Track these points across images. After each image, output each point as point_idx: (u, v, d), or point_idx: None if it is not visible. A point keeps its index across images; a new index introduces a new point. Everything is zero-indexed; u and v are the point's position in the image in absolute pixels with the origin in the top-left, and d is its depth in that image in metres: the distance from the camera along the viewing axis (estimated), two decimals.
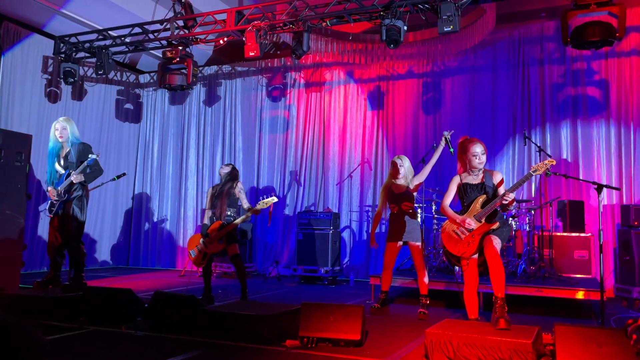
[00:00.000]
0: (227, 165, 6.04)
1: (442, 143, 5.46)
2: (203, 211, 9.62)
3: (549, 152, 7.59)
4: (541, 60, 7.97)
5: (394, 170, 5.49)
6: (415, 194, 5.56)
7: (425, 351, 3.57)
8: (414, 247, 5.41)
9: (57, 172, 5.88)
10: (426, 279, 5.41)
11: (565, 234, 6.83)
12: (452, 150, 5.30)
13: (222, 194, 5.76)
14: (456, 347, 3.41)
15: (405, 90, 8.84)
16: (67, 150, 5.89)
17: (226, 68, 10.22)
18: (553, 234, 6.78)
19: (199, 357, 3.62)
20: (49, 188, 5.88)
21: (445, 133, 5.43)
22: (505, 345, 3.30)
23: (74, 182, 5.74)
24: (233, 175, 5.91)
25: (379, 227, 8.28)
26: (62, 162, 5.87)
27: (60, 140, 5.89)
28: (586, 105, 7.66)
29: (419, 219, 5.55)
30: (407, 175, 5.49)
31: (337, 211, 8.71)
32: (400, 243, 5.46)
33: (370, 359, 3.59)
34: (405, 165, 5.49)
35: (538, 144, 7.38)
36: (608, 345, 3.20)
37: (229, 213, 5.74)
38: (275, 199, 5.66)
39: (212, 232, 5.66)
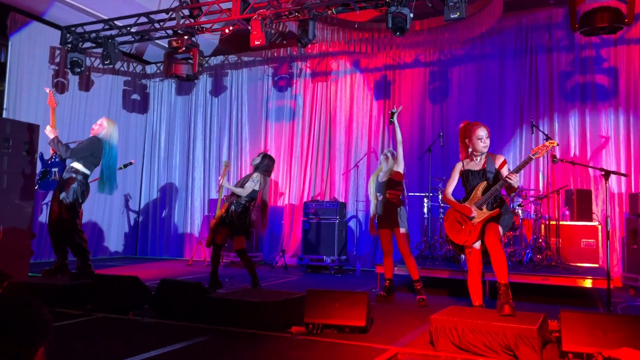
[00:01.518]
0: (259, 155, 6.13)
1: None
2: (210, 201, 9.64)
3: (557, 140, 7.52)
4: (549, 48, 7.89)
5: (386, 161, 5.64)
6: (403, 182, 5.63)
7: (430, 337, 3.57)
8: (397, 233, 5.45)
9: None
10: (414, 264, 5.47)
11: (572, 222, 6.79)
12: (392, 120, 5.49)
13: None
14: (461, 333, 3.41)
15: (411, 79, 8.80)
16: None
17: (232, 58, 10.21)
18: (560, 222, 6.75)
19: (205, 343, 3.65)
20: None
21: (393, 109, 5.59)
22: (510, 331, 3.29)
23: (46, 131, 5.79)
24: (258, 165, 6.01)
25: None
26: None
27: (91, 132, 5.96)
28: (595, 93, 7.59)
29: (402, 206, 5.56)
30: (390, 163, 5.60)
31: (343, 201, 8.71)
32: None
33: (376, 345, 3.60)
34: (390, 155, 5.66)
35: (546, 132, 7.33)
36: (614, 332, 3.19)
37: (242, 202, 5.78)
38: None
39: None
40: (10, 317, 1.30)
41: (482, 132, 4.30)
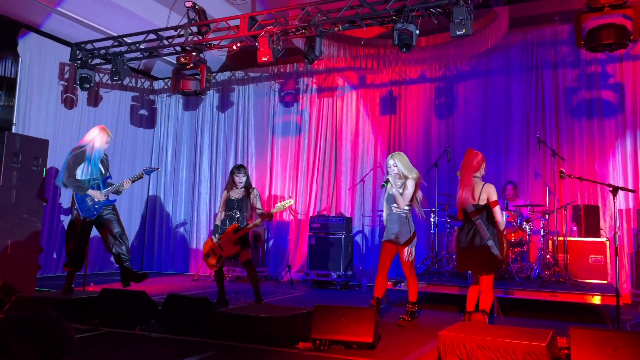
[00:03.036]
0: (241, 172, 6.12)
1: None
2: (216, 215, 9.66)
3: (563, 156, 7.52)
4: (555, 64, 7.92)
5: (394, 176, 5.14)
6: (416, 197, 5.13)
7: (438, 353, 3.55)
8: (400, 251, 5.09)
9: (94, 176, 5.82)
10: (416, 286, 5.13)
11: (580, 238, 6.76)
12: (383, 185, 5.16)
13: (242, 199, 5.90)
14: (469, 350, 3.39)
15: (417, 94, 8.83)
16: (103, 156, 5.95)
17: (239, 74, 10.30)
18: (568, 238, 6.71)
19: (212, 358, 3.64)
20: (93, 191, 5.77)
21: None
22: (519, 347, 3.27)
23: (126, 187, 5.92)
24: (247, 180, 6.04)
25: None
26: (102, 169, 5.90)
27: (105, 148, 5.98)
28: (601, 109, 7.59)
29: (410, 220, 5.12)
30: (403, 174, 5.09)
31: (349, 216, 8.71)
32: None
33: None
34: (398, 164, 5.11)
35: (552, 148, 7.33)
36: (624, 349, 3.16)
37: (244, 217, 5.82)
38: (292, 202, 5.75)
39: (228, 235, 5.72)
40: (39, 330, 1.32)
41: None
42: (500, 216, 4.55)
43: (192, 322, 4.38)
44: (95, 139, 5.81)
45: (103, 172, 5.88)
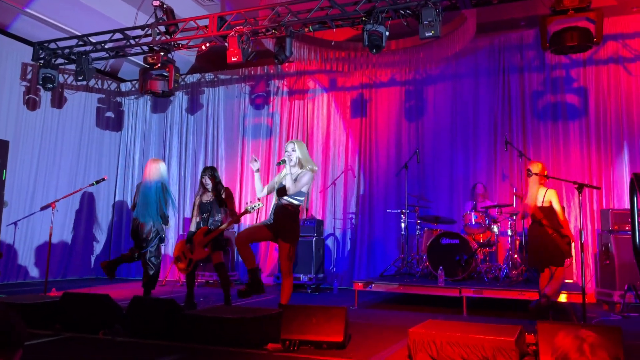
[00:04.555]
0: (209, 175, 6.00)
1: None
2: (185, 220, 9.49)
3: (530, 157, 7.64)
4: (521, 68, 8.07)
5: (290, 164, 4.72)
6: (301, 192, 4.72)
7: (408, 351, 3.53)
8: (280, 245, 4.66)
9: None
10: (290, 287, 4.70)
11: None
12: (279, 163, 4.83)
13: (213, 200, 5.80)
14: (439, 346, 3.38)
15: (388, 97, 8.87)
16: None
17: (209, 76, 10.18)
18: None
19: None
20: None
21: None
22: (488, 343, 3.28)
23: None
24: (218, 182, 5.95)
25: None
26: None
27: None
28: (565, 112, 7.76)
29: (296, 218, 4.72)
30: (301, 162, 4.74)
31: (320, 218, 8.67)
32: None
33: None
34: (297, 150, 4.76)
35: (519, 149, 7.45)
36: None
37: (218, 219, 5.74)
38: (260, 205, 5.69)
39: (198, 238, 5.62)
40: None
41: None
42: (563, 214, 5.29)
43: (157, 325, 4.26)
44: (162, 171, 6.17)
45: None
